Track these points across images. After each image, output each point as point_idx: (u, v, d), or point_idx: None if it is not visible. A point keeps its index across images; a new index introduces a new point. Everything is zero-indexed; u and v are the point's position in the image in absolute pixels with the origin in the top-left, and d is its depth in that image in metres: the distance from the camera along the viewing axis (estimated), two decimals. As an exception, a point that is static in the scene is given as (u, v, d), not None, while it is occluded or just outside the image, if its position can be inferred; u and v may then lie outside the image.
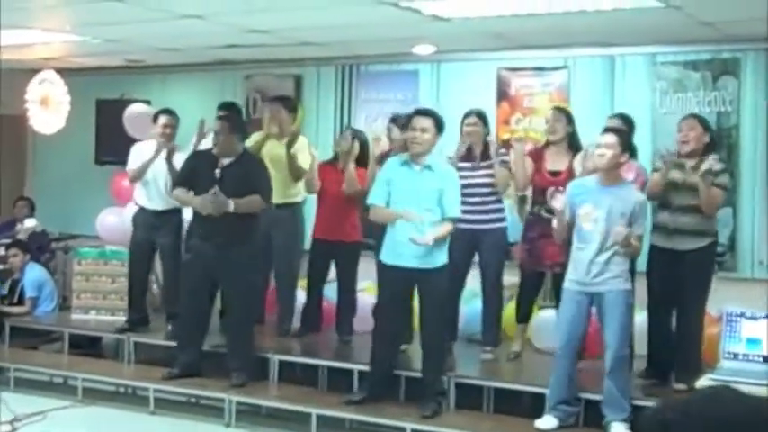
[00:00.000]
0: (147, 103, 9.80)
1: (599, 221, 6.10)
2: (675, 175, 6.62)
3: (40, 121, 10.18)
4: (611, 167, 6.15)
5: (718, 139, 7.90)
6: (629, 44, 8.33)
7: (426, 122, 6.61)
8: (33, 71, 10.22)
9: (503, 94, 9.01)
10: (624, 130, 6.71)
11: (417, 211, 6.47)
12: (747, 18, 7.12)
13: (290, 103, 8.53)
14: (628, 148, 6.23)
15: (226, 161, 7.33)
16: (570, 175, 7.01)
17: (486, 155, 7.46)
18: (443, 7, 7.01)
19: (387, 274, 6.77)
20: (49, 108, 10.11)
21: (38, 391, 8.02)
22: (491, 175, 7.39)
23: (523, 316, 7.60)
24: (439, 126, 6.65)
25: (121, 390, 8.08)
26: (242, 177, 7.24)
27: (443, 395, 6.84)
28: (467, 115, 7.58)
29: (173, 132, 8.34)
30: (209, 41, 8.78)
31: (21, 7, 7.14)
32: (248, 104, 10.12)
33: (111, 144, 9.96)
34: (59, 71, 10.19)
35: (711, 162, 6.55)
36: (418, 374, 6.89)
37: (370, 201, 6.80)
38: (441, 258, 6.60)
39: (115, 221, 9.45)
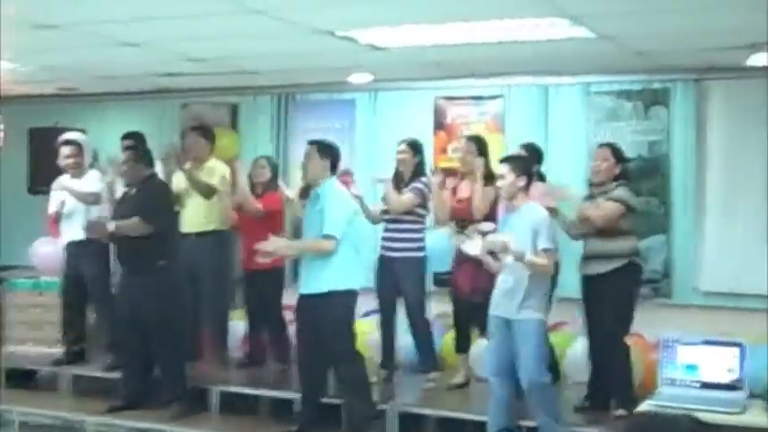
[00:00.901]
0: (82, 131, 9.68)
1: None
2: (585, 205, 6.74)
3: (-29, 151, 10.02)
4: (512, 194, 6.25)
5: (650, 167, 8.09)
6: (564, 73, 8.46)
7: (309, 150, 6.78)
8: (-37, 99, 10.07)
9: (439, 124, 9.09)
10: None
11: (309, 236, 6.66)
12: (678, 49, 7.29)
13: (207, 132, 8.50)
14: (525, 171, 6.27)
15: (133, 189, 7.50)
16: (470, 202, 7.17)
17: (411, 181, 7.55)
18: (379, 36, 7.05)
19: (297, 305, 6.87)
20: (-20, 137, 9.96)
21: (-29, 426, 7.86)
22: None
23: (461, 346, 7.60)
24: (324, 153, 6.74)
25: (58, 423, 7.92)
26: (136, 201, 7.37)
27: (377, 418, 6.83)
28: (399, 143, 7.70)
29: (78, 161, 8.41)
30: (147, 69, 8.73)
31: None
32: (183, 134, 10.03)
33: (45, 173, 9.77)
34: (-9, 99, 10.05)
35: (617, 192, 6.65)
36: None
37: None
38: (332, 283, 6.57)
39: (49, 251, 9.28)
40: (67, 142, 8.47)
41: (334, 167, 6.80)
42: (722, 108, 8.14)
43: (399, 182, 7.59)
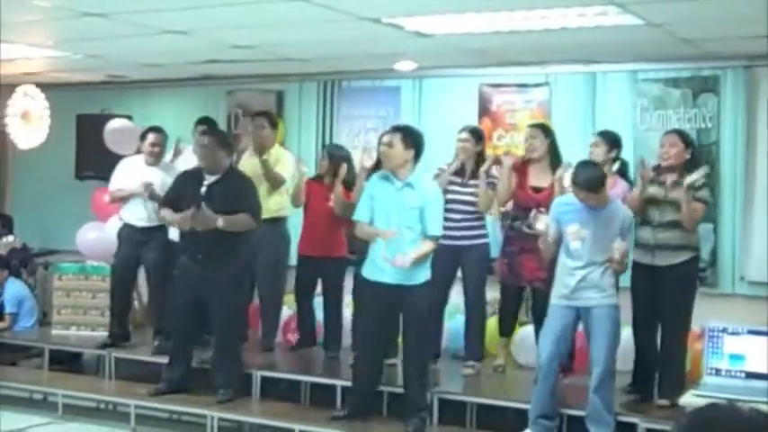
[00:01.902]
0: (129, 118, 9.77)
1: (586, 240, 6.14)
2: (654, 190, 6.66)
3: (20, 136, 10.14)
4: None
5: (698, 156, 7.98)
6: (611, 61, 8.39)
7: (391, 137, 6.64)
8: (13, 86, 10.18)
9: (484, 111, 9.04)
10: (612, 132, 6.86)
11: (397, 228, 6.46)
12: (727, 36, 7.19)
13: (272, 119, 8.53)
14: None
15: (212, 178, 7.27)
16: (553, 191, 7.03)
17: (477, 172, 7.47)
18: (425, 24, 7.03)
19: (367, 290, 6.76)
20: (29, 123, 10.07)
21: (17, 407, 7.96)
22: (477, 194, 7.42)
23: (506, 330, 7.60)
24: (408, 142, 6.60)
25: (102, 406, 8.02)
26: (229, 195, 7.18)
27: (427, 411, 6.83)
28: (460, 131, 7.64)
29: (161, 150, 8.36)
30: (192, 57, 8.78)
31: (3, 22, 7.11)
32: (230, 120, 10.12)
33: (92, 159, 9.93)
34: (40, 86, 10.16)
35: (695, 177, 6.57)
36: (402, 390, 6.88)
37: (355, 217, 6.81)
38: (422, 275, 6.59)
39: (96, 236, 9.40)
40: (153, 129, 8.43)
41: (418, 157, 6.68)
42: (773, 96, 8.03)
43: (461, 171, 7.53)
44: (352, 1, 6.33)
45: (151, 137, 8.33)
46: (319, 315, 8.23)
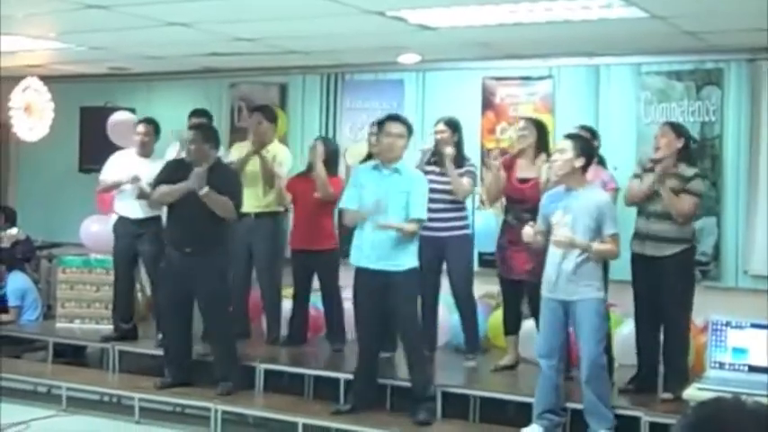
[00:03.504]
0: (132, 111, 9.77)
1: (568, 226, 6.11)
2: (648, 180, 6.66)
3: (23, 129, 10.15)
4: (567, 172, 6.16)
5: (701, 149, 7.98)
6: (614, 54, 8.38)
7: (402, 128, 6.73)
8: (16, 78, 10.18)
9: (488, 104, 9.03)
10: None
11: (385, 214, 6.53)
12: (730, 29, 7.17)
13: (271, 113, 8.54)
14: (585, 152, 6.19)
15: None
16: (539, 181, 7.06)
17: (458, 164, 7.50)
18: (429, 16, 7.02)
19: (357, 279, 6.83)
20: (32, 115, 10.08)
21: (21, 400, 7.97)
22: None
23: (510, 327, 7.53)
24: (410, 130, 6.81)
25: (106, 399, 8.04)
26: (214, 185, 7.20)
27: (434, 400, 6.83)
28: (436, 122, 7.68)
29: (150, 141, 8.38)
30: (195, 49, 8.77)
31: (4, 14, 7.10)
32: (233, 113, 10.12)
33: (95, 152, 9.88)
34: (43, 78, 10.15)
35: (682, 168, 6.58)
36: (404, 383, 6.89)
37: (341, 204, 6.96)
38: (406, 261, 6.61)
39: (99, 229, 9.39)
40: (144, 120, 8.52)
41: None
42: (777, 89, 8.01)
43: (440, 162, 7.55)
44: (356, -7, 6.33)
45: (140, 128, 8.39)
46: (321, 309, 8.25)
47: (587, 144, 6.39)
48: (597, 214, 6.07)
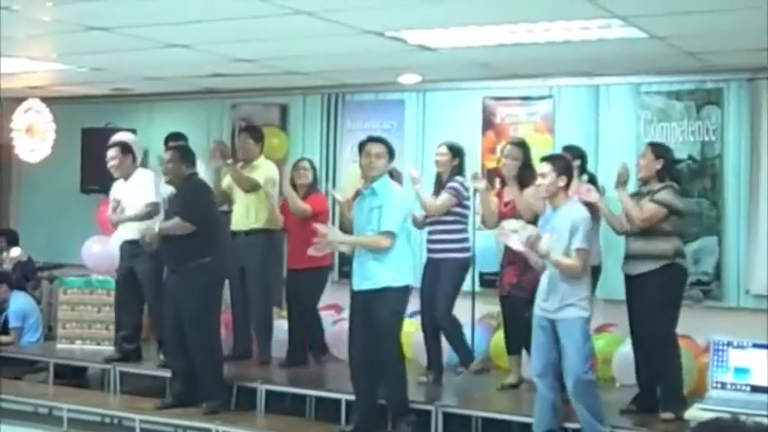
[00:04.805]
0: (133, 131, 9.79)
1: (551, 245, 6.11)
2: (629, 204, 6.67)
3: (25, 150, 10.18)
4: (552, 193, 6.21)
5: (701, 168, 8.01)
6: (614, 74, 8.40)
7: (380, 148, 6.73)
8: (18, 99, 10.22)
9: (488, 123, 9.05)
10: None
11: (363, 233, 6.62)
12: (730, 49, 7.20)
13: (257, 133, 8.58)
14: (565, 171, 6.19)
15: (175, 190, 7.50)
16: (515, 202, 7.13)
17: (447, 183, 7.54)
18: (429, 37, 7.04)
19: (351, 302, 6.92)
20: (34, 137, 10.12)
21: (23, 421, 7.94)
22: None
23: (510, 347, 7.50)
24: (390, 152, 6.78)
25: (107, 420, 8.01)
26: (178, 202, 7.38)
27: (412, 415, 6.79)
28: (439, 145, 7.71)
29: (121, 163, 8.37)
30: (196, 70, 8.80)
31: (6, 36, 7.14)
32: (234, 133, 10.12)
33: (97, 173, 9.89)
34: (45, 100, 10.18)
35: (652, 183, 6.61)
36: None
37: None
38: (386, 279, 6.57)
39: (100, 250, 9.40)
40: (111, 144, 8.57)
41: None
42: (776, 108, 8.02)
43: (438, 184, 7.58)
44: (356, 14, 6.34)
45: (109, 152, 8.47)
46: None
47: (565, 162, 6.39)
48: (572, 228, 6.08)
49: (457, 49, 7.40)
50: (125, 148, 8.46)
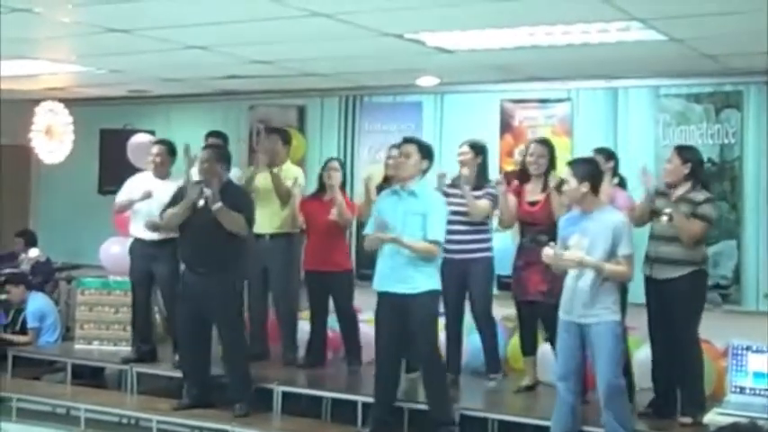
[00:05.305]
0: (151, 133, 9.81)
1: (584, 249, 6.09)
2: (660, 204, 6.66)
3: (44, 151, 10.24)
4: (576, 199, 6.19)
5: (721, 171, 7.97)
6: (633, 76, 8.37)
7: (410, 148, 6.76)
8: (37, 101, 10.26)
9: (506, 126, 9.04)
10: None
11: (397, 234, 6.54)
12: (749, 52, 7.15)
13: (286, 135, 8.59)
14: (587, 176, 6.14)
15: (209, 190, 7.30)
16: (547, 202, 7.11)
17: (479, 185, 7.50)
18: (447, 39, 7.04)
19: (378, 302, 6.84)
20: (53, 138, 10.18)
21: (40, 421, 7.99)
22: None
23: (527, 348, 7.53)
24: (424, 153, 6.78)
25: (124, 420, 8.04)
26: (226, 205, 7.20)
27: (454, 425, 6.79)
28: (461, 144, 7.68)
29: (165, 162, 8.37)
30: (213, 72, 8.81)
31: (27, 38, 7.18)
32: (252, 135, 10.14)
33: (115, 174, 9.90)
34: (63, 101, 10.22)
35: (693, 193, 6.56)
36: (422, 406, 6.86)
37: (364, 231, 6.95)
38: (425, 284, 6.61)
39: (119, 251, 9.42)
40: (159, 141, 8.57)
41: (428, 168, 6.89)
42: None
43: (463, 183, 7.55)
44: (374, 16, 6.34)
45: (154, 149, 8.42)
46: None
47: (589, 167, 6.32)
48: (614, 235, 6.05)
49: (475, 52, 7.39)
50: (171, 150, 8.44)
